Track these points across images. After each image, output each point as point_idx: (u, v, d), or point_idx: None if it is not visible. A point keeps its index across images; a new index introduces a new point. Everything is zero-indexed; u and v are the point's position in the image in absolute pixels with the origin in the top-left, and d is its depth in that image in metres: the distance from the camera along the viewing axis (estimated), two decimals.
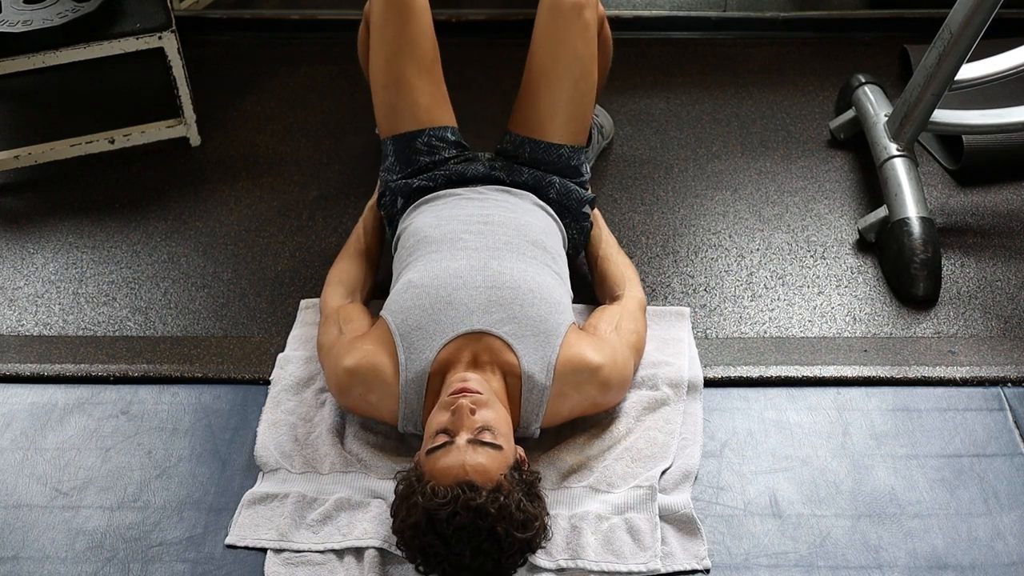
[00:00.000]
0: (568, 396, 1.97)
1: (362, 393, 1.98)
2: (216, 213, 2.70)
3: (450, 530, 1.67)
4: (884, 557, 1.87)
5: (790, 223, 2.63)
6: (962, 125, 2.58)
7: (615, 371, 2.01)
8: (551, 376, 1.94)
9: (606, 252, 2.34)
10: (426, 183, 2.29)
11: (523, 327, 1.96)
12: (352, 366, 1.97)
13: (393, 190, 2.32)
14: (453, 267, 2.03)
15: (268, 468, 2.02)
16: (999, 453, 2.05)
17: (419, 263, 2.08)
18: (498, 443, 1.78)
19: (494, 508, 1.68)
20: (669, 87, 3.09)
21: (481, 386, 1.87)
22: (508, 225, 2.13)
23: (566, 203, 2.30)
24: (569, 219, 2.31)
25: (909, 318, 2.37)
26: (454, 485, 1.69)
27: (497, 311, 1.97)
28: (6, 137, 2.95)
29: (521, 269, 2.04)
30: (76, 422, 2.15)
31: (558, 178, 2.31)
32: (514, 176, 2.30)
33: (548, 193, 2.29)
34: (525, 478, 1.78)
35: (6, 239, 2.64)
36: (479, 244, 2.08)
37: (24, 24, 2.66)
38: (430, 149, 2.31)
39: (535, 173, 2.30)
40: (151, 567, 1.87)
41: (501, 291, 1.99)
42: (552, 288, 2.06)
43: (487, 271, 2.02)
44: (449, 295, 1.99)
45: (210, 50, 3.25)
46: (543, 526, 1.76)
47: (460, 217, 2.15)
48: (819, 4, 3.38)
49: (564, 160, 2.32)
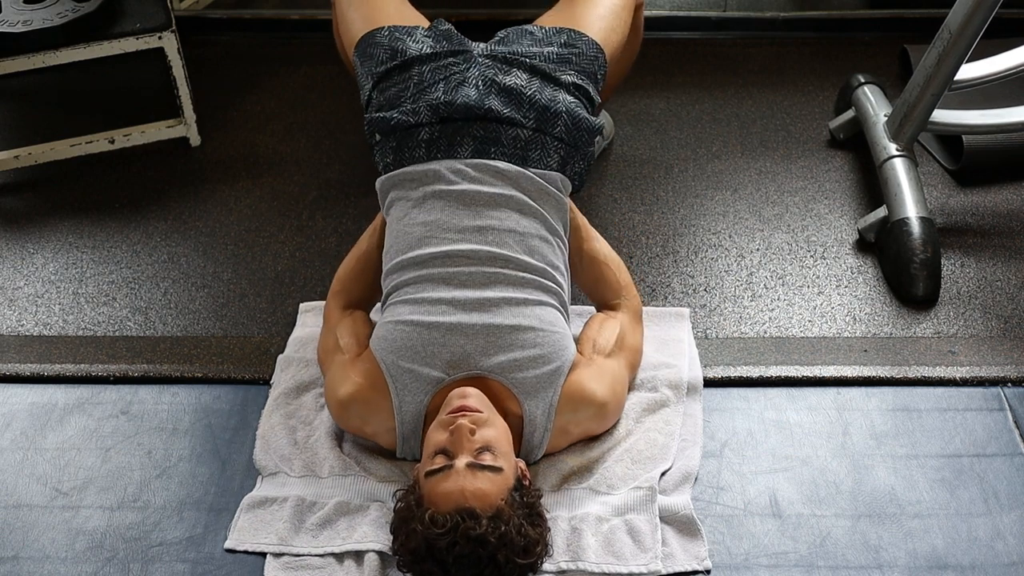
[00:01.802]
0: (568, 432, 1.96)
1: (359, 425, 1.97)
2: (216, 213, 2.70)
3: (450, 559, 1.65)
4: (884, 557, 1.87)
5: (790, 223, 2.63)
6: (962, 125, 2.58)
7: (615, 404, 2.00)
8: (552, 415, 1.92)
9: (597, 250, 2.16)
10: (406, 119, 2.07)
11: (525, 370, 1.90)
12: (346, 399, 1.94)
13: (370, 123, 2.13)
14: (447, 299, 1.92)
15: (267, 472, 2.01)
16: (999, 453, 2.05)
17: (408, 290, 1.97)
18: (498, 465, 1.74)
19: (494, 537, 1.65)
20: (669, 87, 3.09)
21: (481, 403, 1.83)
22: (504, 243, 1.98)
23: (575, 136, 2.10)
24: (577, 156, 2.12)
25: (909, 318, 2.37)
26: (453, 512, 1.66)
27: (497, 354, 1.89)
28: (6, 137, 2.95)
29: (520, 300, 1.94)
30: (76, 422, 2.15)
31: (565, 104, 2.09)
32: (513, 108, 2.07)
33: (554, 128, 2.08)
34: (526, 500, 1.74)
35: (6, 239, 2.64)
36: (473, 271, 1.95)
37: (24, 24, 2.66)
38: (393, 40, 2.14)
39: (540, 99, 2.08)
40: (151, 567, 1.87)
41: (500, 332, 1.90)
42: (554, 319, 1.96)
43: (483, 307, 1.92)
44: (443, 336, 1.89)
45: (210, 50, 3.25)
46: (544, 548, 1.74)
47: (452, 230, 1.98)
48: (819, 4, 3.38)
49: (598, 65, 2.15)
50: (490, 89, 2.10)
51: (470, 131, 2.07)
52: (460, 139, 2.07)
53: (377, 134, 2.13)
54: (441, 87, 2.10)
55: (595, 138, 2.16)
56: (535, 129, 2.08)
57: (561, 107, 2.10)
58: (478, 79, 2.11)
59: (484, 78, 2.11)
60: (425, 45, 2.17)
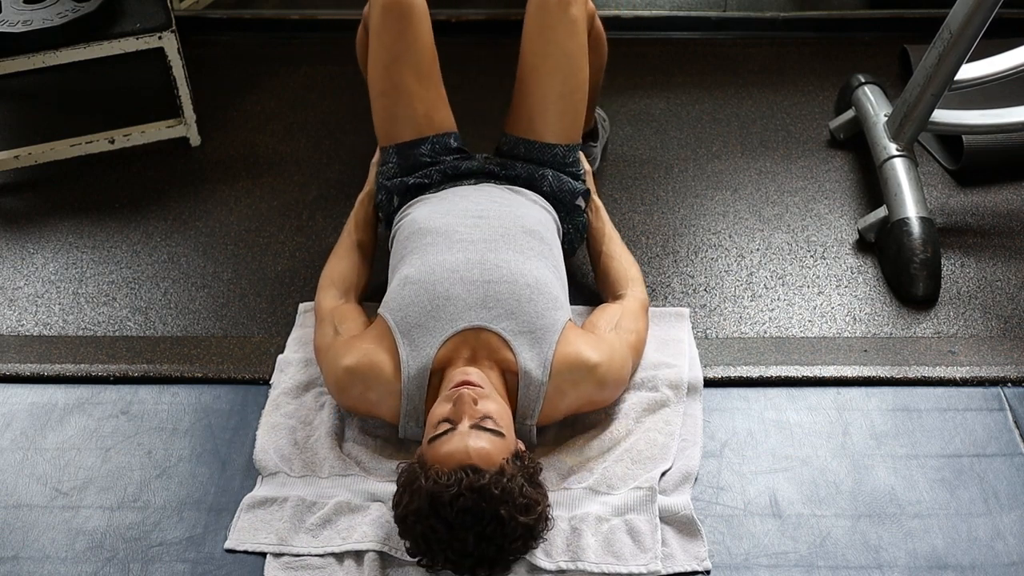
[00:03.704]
0: (565, 393, 1.98)
1: (361, 392, 1.98)
2: (216, 213, 2.70)
3: (453, 513, 1.67)
4: (884, 557, 1.87)
5: (790, 223, 2.63)
6: (962, 125, 2.58)
7: (612, 369, 2.01)
8: (548, 373, 1.95)
9: (610, 249, 2.33)
10: (422, 180, 2.30)
11: (520, 323, 1.97)
12: (351, 365, 1.97)
13: (389, 189, 2.32)
14: (450, 261, 2.03)
15: (267, 472, 2.02)
16: (999, 453, 2.05)
17: (415, 257, 2.08)
18: (500, 430, 1.79)
19: (497, 489, 1.68)
20: (669, 87, 3.09)
21: (482, 380, 1.89)
22: (504, 217, 2.14)
23: (560, 196, 2.30)
24: (563, 213, 2.31)
25: (909, 318, 2.37)
26: (457, 468, 1.70)
27: (494, 306, 1.97)
28: (6, 137, 2.95)
29: (518, 262, 2.04)
30: (76, 422, 2.15)
31: (551, 171, 2.31)
32: (508, 171, 2.31)
33: (542, 186, 2.29)
34: (527, 465, 1.79)
35: (6, 239, 2.64)
36: (475, 236, 2.08)
37: (24, 24, 2.67)
38: (433, 157, 2.33)
39: (529, 167, 2.31)
40: (151, 567, 1.87)
41: (498, 286, 2.00)
42: (549, 283, 2.06)
43: (484, 265, 2.02)
44: (447, 291, 1.99)
45: (210, 50, 3.25)
46: (545, 513, 1.77)
47: (456, 211, 2.16)
48: (819, 4, 3.38)
49: (559, 159, 2.32)
50: (489, 164, 2.34)
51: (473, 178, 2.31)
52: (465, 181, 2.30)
53: (396, 197, 2.31)
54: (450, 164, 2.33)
55: (577, 200, 2.33)
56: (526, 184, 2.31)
57: (548, 172, 2.31)
58: (480, 162, 2.34)
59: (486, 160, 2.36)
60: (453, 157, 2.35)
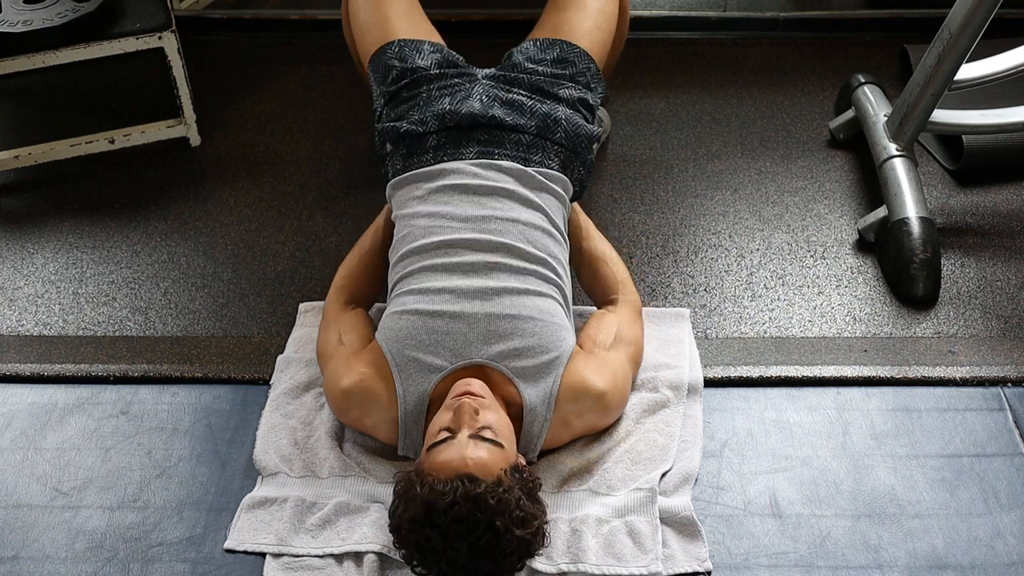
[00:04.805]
0: (570, 424, 1.96)
1: (358, 416, 1.98)
2: (216, 213, 2.70)
3: (447, 522, 1.64)
4: (884, 557, 1.87)
5: (790, 223, 2.63)
6: (962, 125, 2.58)
7: (616, 395, 2.00)
8: (552, 406, 1.93)
9: (597, 248, 2.22)
10: (415, 127, 2.16)
11: (524, 358, 1.92)
12: (348, 388, 1.95)
13: (381, 133, 2.22)
14: (449, 288, 1.96)
15: (267, 472, 2.01)
16: (999, 453, 2.05)
17: (413, 280, 2.01)
18: (500, 441, 1.77)
19: (493, 500, 1.66)
20: (669, 87, 3.09)
21: (483, 390, 1.86)
22: (507, 232, 2.02)
23: (575, 143, 2.18)
24: (577, 161, 2.20)
25: (909, 318, 2.37)
26: (454, 477, 1.68)
27: (497, 342, 1.92)
28: (6, 137, 2.95)
29: (521, 290, 1.97)
30: (76, 422, 2.15)
31: (564, 113, 2.19)
32: (516, 116, 2.16)
33: (555, 133, 2.16)
34: (526, 478, 1.76)
35: (6, 239, 2.64)
36: (476, 260, 1.99)
37: (24, 24, 2.66)
38: (402, 59, 2.22)
39: (543, 107, 2.18)
40: (151, 567, 1.87)
41: (500, 321, 1.93)
42: (553, 310, 1.99)
43: (485, 296, 1.95)
44: (446, 325, 1.93)
45: (210, 50, 3.25)
46: (542, 529, 1.73)
47: (455, 219, 2.04)
48: (819, 4, 3.38)
49: (591, 75, 2.24)
50: (493, 102, 2.18)
51: (475, 136, 2.15)
52: (465, 143, 2.15)
53: (388, 144, 2.20)
54: (447, 100, 2.19)
55: (593, 145, 2.23)
56: (536, 135, 2.17)
57: (561, 115, 2.19)
58: (482, 95, 2.20)
59: (488, 94, 2.20)
60: (432, 62, 2.25)
